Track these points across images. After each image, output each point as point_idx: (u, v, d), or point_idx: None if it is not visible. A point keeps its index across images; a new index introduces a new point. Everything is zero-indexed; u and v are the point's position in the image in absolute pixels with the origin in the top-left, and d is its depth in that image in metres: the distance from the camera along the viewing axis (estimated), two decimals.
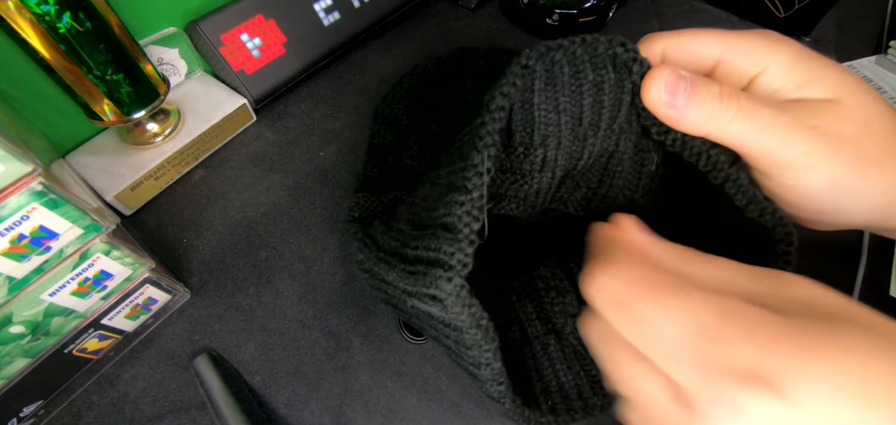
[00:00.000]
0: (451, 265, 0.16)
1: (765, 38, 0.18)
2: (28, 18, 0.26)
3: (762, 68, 0.18)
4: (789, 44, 0.18)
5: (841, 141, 0.17)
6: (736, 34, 0.19)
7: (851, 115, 0.17)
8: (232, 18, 0.39)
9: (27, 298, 0.22)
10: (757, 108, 0.17)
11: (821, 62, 0.18)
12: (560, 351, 0.23)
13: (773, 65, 0.18)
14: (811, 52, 0.18)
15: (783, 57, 0.18)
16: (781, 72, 0.18)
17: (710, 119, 0.17)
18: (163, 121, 0.36)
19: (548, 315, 0.25)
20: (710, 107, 0.17)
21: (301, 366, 0.28)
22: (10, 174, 0.18)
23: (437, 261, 0.17)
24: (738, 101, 0.17)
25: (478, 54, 0.40)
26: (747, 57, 0.18)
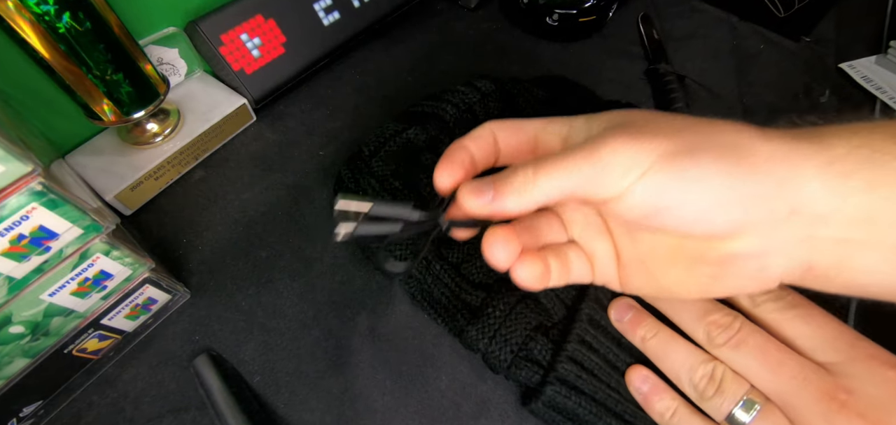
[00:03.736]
0: None
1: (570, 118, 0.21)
2: (28, 18, 0.26)
3: (568, 126, 0.21)
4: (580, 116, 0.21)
5: (639, 130, 0.17)
6: (548, 118, 0.22)
7: (642, 120, 0.18)
8: (232, 18, 0.39)
9: (27, 298, 0.22)
10: (549, 158, 0.18)
11: (617, 111, 0.20)
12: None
13: (574, 122, 0.20)
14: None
15: (579, 118, 0.20)
16: (582, 123, 0.20)
17: (521, 189, 0.18)
18: (163, 122, 0.36)
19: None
20: (512, 183, 0.18)
21: (301, 366, 0.28)
22: (9, 174, 0.18)
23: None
24: (530, 164, 0.18)
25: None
26: (555, 124, 0.21)
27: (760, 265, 0.17)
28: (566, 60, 0.46)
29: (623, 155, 0.16)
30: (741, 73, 0.44)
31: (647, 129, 0.17)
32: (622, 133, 0.17)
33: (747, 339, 0.21)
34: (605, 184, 0.17)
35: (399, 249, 0.29)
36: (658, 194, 0.16)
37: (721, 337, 0.21)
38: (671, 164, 0.16)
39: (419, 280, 0.29)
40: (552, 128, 0.21)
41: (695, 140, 0.16)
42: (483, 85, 0.35)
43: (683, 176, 0.16)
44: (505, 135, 0.22)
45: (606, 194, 0.17)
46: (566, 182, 0.17)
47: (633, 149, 0.16)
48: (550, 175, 0.17)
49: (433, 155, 0.32)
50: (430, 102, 0.35)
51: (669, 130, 0.17)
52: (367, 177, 0.32)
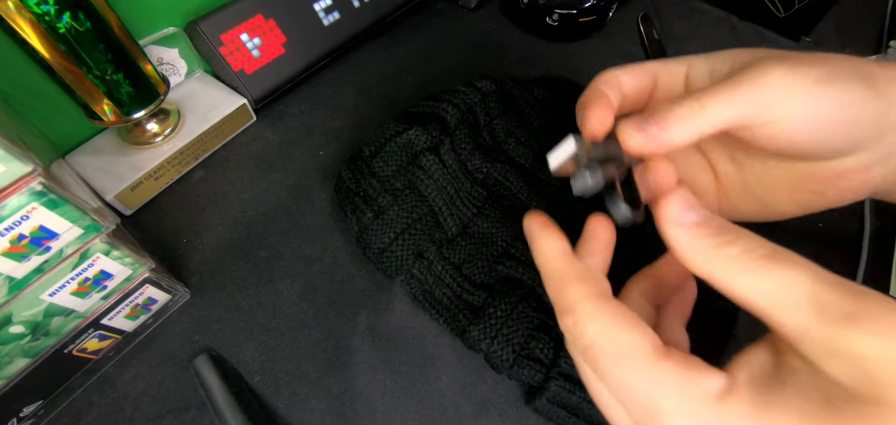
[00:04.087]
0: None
1: (682, 56, 0.22)
2: (28, 18, 0.26)
3: (688, 64, 0.21)
4: (699, 55, 0.21)
5: (790, 60, 0.17)
6: (663, 59, 0.23)
7: (775, 54, 0.18)
8: (232, 18, 0.39)
9: (27, 298, 0.22)
10: (715, 89, 0.18)
11: (728, 51, 0.20)
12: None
13: (693, 61, 0.21)
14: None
15: (697, 57, 0.21)
16: (700, 61, 0.21)
17: (687, 120, 0.18)
18: (163, 122, 0.36)
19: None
20: (678, 113, 0.18)
21: (301, 366, 0.28)
22: (9, 174, 0.18)
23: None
24: (693, 94, 0.18)
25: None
26: (674, 63, 0.22)
27: (864, 177, 0.19)
28: (566, 60, 0.46)
29: (785, 81, 0.17)
30: None
31: (792, 59, 0.18)
32: (777, 62, 0.17)
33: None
34: (770, 107, 0.17)
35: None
36: (815, 116, 0.17)
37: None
38: (823, 85, 0.17)
39: (421, 280, 0.29)
40: (672, 67, 0.22)
41: (835, 68, 0.17)
42: (483, 85, 0.35)
43: (833, 96, 0.17)
44: (627, 77, 0.22)
45: (771, 117, 0.18)
46: (734, 108, 0.17)
47: (792, 76, 0.17)
48: (718, 102, 0.18)
49: (434, 156, 0.32)
50: (430, 103, 0.35)
51: (811, 60, 0.18)
52: (368, 178, 0.32)
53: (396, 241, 0.29)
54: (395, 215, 0.30)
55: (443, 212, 0.30)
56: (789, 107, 0.17)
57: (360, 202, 0.31)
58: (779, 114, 0.17)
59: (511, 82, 0.37)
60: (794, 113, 0.17)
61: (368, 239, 0.30)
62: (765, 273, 0.14)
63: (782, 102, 0.17)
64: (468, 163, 0.32)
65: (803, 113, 0.17)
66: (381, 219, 0.30)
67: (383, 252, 0.29)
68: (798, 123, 0.17)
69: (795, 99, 0.17)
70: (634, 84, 0.22)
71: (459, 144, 0.33)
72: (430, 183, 0.31)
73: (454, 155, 0.32)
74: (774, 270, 0.14)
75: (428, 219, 0.30)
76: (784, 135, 0.18)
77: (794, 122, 0.17)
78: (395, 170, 0.32)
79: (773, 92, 0.17)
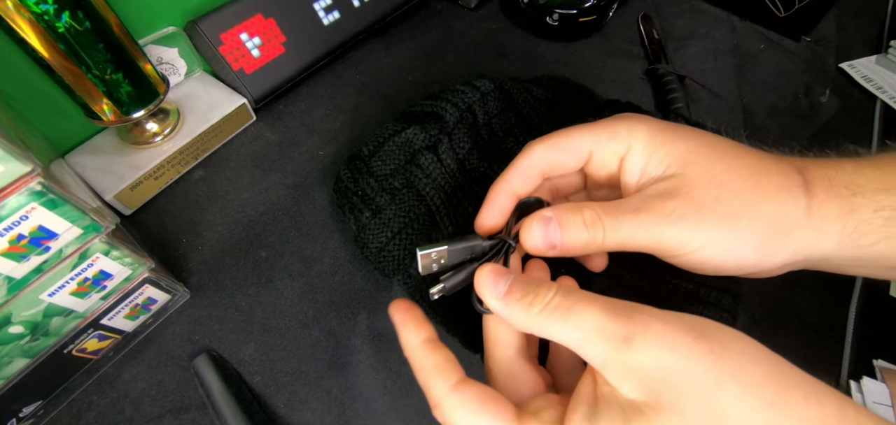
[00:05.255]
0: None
1: (625, 120, 0.21)
2: (27, 18, 0.26)
3: (627, 147, 0.21)
4: (645, 121, 0.21)
5: (701, 208, 0.19)
6: (600, 124, 0.22)
7: (704, 181, 0.19)
8: (231, 18, 0.39)
9: (26, 298, 0.22)
10: (619, 219, 0.19)
11: (672, 134, 0.20)
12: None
13: (634, 143, 0.21)
14: (665, 124, 0.21)
15: (640, 135, 0.21)
16: (641, 148, 0.21)
17: (590, 243, 0.20)
18: (162, 121, 0.36)
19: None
20: (581, 237, 0.19)
21: (301, 366, 0.28)
22: (9, 174, 0.18)
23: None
24: (601, 221, 0.19)
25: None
26: (613, 141, 0.21)
27: (779, 270, 0.21)
28: (566, 60, 0.46)
29: (685, 234, 0.19)
30: (741, 73, 0.44)
31: (706, 206, 0.19)
32: (683, 212, 0.19)
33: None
34: (665, 250, 0.19)
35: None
36: (706, 261, 0.19)
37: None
38: (722, 245, 0.19)
39: (418, 279, 0.29)
40: (610, 148, 0.22)
41: (745, 227, 0.19)
42: (483, 84, 0.35)
43: (730, 253, 0.19)
44: (557, 157, 0.22)
45: (664, 255, 0.20)
46: (632, 243, 0.19)
47: (692, 230, 0.19)
48: (620, 234, 0.19)
49: (432, 154, 0.32)
50: (429, 102, 0.35)
51: (726, 210, 0.19)
52: (366, 177, 0.32)
53: (393, 241, 0.29)
54: (393, 214, 0.30)
55: (440, 210, 0.30)
56: (685, 254, 0.19)
57: (358, 201, 0.31)
58: (674, 256, 0.19)
59: (510, 82, 0.37)
60: (688, 258, 0.19)
61: (366, 238, 0.30)
62: (562, 319, 0.16)
63: (680, 249, 0.19)
64: (466, 161, 0.32)
65: (698, 258, 0.19)
66: (379, 219, 0.30)
67: (381, 251, 0.29)
68: (692, 264, 0.19)
69: (693, 250, 0.19)
70: (562, 160, 0.22)
71: (458, 143, 0.33)
72: (428, 181, 0.31)
73: (452, 153, 0.32)
74: (568, 316, 0.16)
75: (425, 219, 0.30)
76: (682, 266, 0.20)
77: (688, 263, 0.19)
78: (393, 169, 0.32)
79: (672, 240, 0.19)
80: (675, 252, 0.19)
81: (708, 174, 0.19)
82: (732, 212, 0.19)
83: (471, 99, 0.34)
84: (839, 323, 0.29)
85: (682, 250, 0.19)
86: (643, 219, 0.19)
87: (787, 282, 0.30)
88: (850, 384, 0.26)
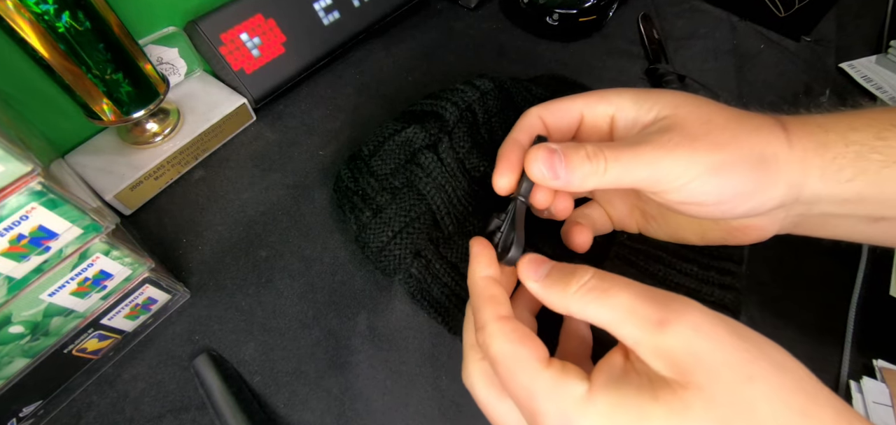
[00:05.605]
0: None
1: (610, 89, 0.23)
2: (27, 18, 0.26)
3: (614, 107, 0.23)
4: (628, 89, 0.23)
5: (694, 139, 0.20)
6: (589, 93, 0.24)
7: (692, 118, 0.20)
8: (231, 18, 0.39)
9: (26, 298, 0.22)
10: (619, 152, 0.20)
11: (657, 91, 0.22)
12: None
13: (621, 102, 0.22)
14: (647, 89, 0.23)
15: (626, 95, 0.22)
16: (629, 104, 0.22)
17: (590, 176, 0.20)
18: (162, 121, 0.36)
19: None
20: (584, 168, 0.20)
21: (301, 366, 0.28)
22: (9, 174, 0.18)
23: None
24: (603, 153, 0.20)
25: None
26: (601, 103, 0.23)
27: (763, 230, 0.23)
28: (566, 60, 0.46)
29: (681, 163, 0.19)
30: (741, 72, 0.44)
31: (699, 137, 0.20)
32: (679, 142, 0.19)
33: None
34: (663, 182, 0.20)
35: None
36: (703, 193, 0.20)
37: None
38: (717, 173, 0.19)
39: (419, 278, 0.29)
40: (599, 109, 0.23)
41: (730, 155, 0.19)
42: (482, 84, 0.35)
43: (725, 182, 0.19)
44: (552, 118, 0.24)
45: (662, 188, 0.20)
46: (632, 175, 0.20)
47: (688, 159, 0.19)
48: (620, 168, 0.20)
49: (432, 153, 0.32)
50: (429, 101, 0.35)
51: (716, 140, 0.20)
52: (366, 177, 0.32)
53: (394, 240, 0.29)
54: (393, 214, 0.30)
55: (440, 210, 0.30)
56: (680, 183, 0.20)
57: (358, 201, 0.31)
58: (671, 187, 0.20)
59: (510, 81, 0.37)
60: (687, 190, 0.20)
61: (367, 238, 0.30)
62: (598, 301, 0.17)
63: (675, 179, 0.20)
64: (466, 160, 0.32)
65: (696, 190, 0.20)
66: (379, 218, 0.30)
67: (381, 251, 0.29)
68: (691, 197, 0.20)
69: (686, 177, 0.19)
70: (557, 122, 0.24)
71: (458, 142, 0.33)
72: (429, 181, 0.31)
73: (452, 152, 0.32)
74: (603, 298, 0.17)
75: (426, 218, 0.30)
76: (680, 203, 0.21)
77: (688, 195, 0.20)
78: (393, 169, 0.32)
79: (669, 170, 0.19)
80: (672, 183, 0.20)
81: (695, 113, 0.20)
82: (722, 141, 0.20)
83: (471, 98, 0.34)
84: (839, 323, 0.29)
85: (679, 181, 0.19)
86: (641, 150, 0.20)
87: (788, 283, 0.30)
88: (850, 384, 0.26)
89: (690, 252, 0.27)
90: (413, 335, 0.29)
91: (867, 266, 0.30)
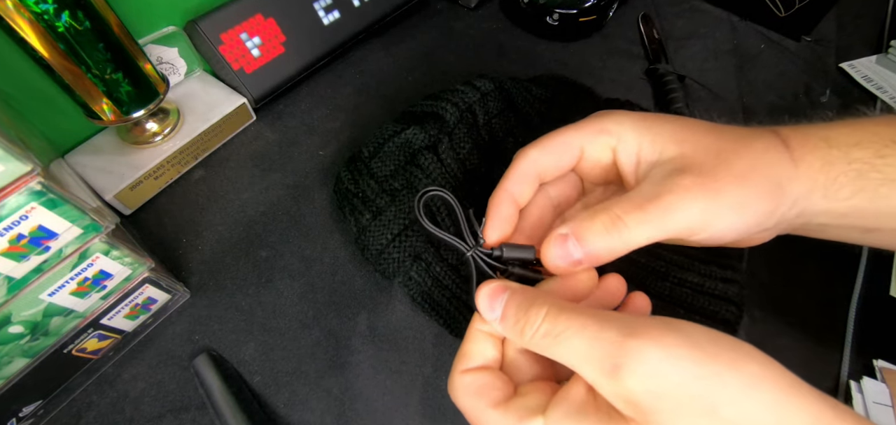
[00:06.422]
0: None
1: (609, 114, 0.22)
2: (27, 17, 0.26)
3: (617, 137, 0.22)
4: (625, 112, 0.22)
5: (712, 177, 0.19)
6: (586, 121, 0.22)
7: (701, 152, 0.20)
8: (231, 17, 0.39)
9: (26, 298, 0.22)
10: (643, 213, 0.19)
11: (653, 120, 0.22)
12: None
13: (621, 133, 0.22)
14: (643, 113, 0.22)
15: (627, 124, 0.22)
16: (630, 136, 0.21)
17: (617, 246, 0.19)
18: (162, 121, 0.36)
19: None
20: (604, 241, 0.19)
21: (301, 366, 0.28)
22: (9, 174, 0.18)
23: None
24: (622, 220, 0.19)
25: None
26: (601, 135, 0.22)
27: (763, 239, 0.22)
28: (566, 60, 0.46)
29: (706, 208, 0.19)
30: (741, 72, 0.44)
31: (716, 174, 0.19)
32: (699, 184, 0.19)
33: None
34: (690, 230, 0.19)
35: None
36: (730, 228, 0.20)
37: None
38: (741, 211, 0.19)
39: (419, 282, 0.29)
40: (600, 141, 0.22)
41: (756, 186, 0.19)
42: (482, 84, 0.35)
43: (749, 217, 0.19)
44: (548, 159, 0.23)
45: (692, 235, 0.20)
46: (657, 231, 0.19)
47: (712, 201, 0.19)
48: (642, 229, 0.19)
49: (432, 154, 0.31)
50: (429, 102, 0.35)
51: (734, 172, 0.19)
52: (366, 179, 0.32)
53: (394, 243, 0.29)
54: (393, 216, 0.30)
55: (440, 211, 0.30)
56: (707, 226, 0.19)
57: (358, 203, 0.31)
58: (696, 233, 0.19)
59: (510, 81, 0.37)
60: (711, 229, 0.19)
61: (366, 240, 0.30)
62: (554, 345, 0.17)
63: (702, 223, 0.19)
64: (467, 161, 0.32)
65: (721, 228, 0.19)
66: (379, 221, 0.30)
67: (381, 253, 0.29)
68: (715, 235, 0.20)
69: (714, 220, 0.19)
70: (555, 162, 0.23)
71: (458, 143, 0.33)
72: (429, 182, 0.31)
73: (453, 153, 0.32)
74: (557, 342, 0.17)
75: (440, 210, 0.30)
76: (703, 241, 0.20)
77: (711, 235, 0.20)
78: (393, 170, 0.32)
79: (695, 218, 0.19)
80: (701, 228, 0.19)
81: (703, 147, 0.20)
82: (741, 172, 0.19)
83: (471, 99, 0.34)
84: (839, 323, 0.29)
85: (708, 224, 0.19)
86: (667, 203, 0.19)
87: (788, 283, 0.30)
88: (850, 384, 0.26)
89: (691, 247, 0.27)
90: (413, 335, 0.29)
91: (867, 266, 0.30)
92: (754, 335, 0.28)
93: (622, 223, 0.19)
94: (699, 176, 0.19)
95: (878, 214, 0.20)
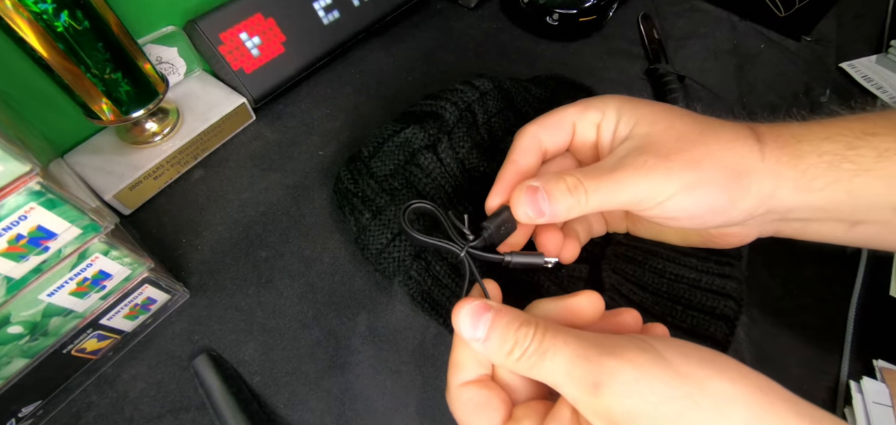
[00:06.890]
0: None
1: (600, 97, 0.25)
2: (26, 17, 0.25)
3: (601, 114, 0.24)
4: (616, 95, 0.24)
5: (668, 158, 0.21)
6: (578, 101, 0.25)
7: (666, 135, 0.21)
8: (231, 17, 0.39)
9: (25, 298, 0.21)
10: (598, 181, 0.21)
11: (637, 102, 0.23)
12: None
13: (607, 109, 0.24)
14: (632, 98, 0.24)
15: (612, 102, 0.24)
16: (613, 113, 0.24)
17: (574, 206, 0.21)
18: (162, 121, 0.36)
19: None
20: (567, 200, 0.21)
21: (301, 366, 0.28)
22: (8, 174, 0.18)
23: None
24: (583, 184, 0.21)
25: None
26: (590, 110, 0.24)
27: (742, 236, 0.24)
28: (566, 60, 0.46)
29: (657, 184, 0.20)
30: (741, 72, 0.44)
31: (672, 156, 0.21)
32: (654, 163, 0.21)
33: None
34: (643, 203, 0.21)
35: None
36: (678, 209, 0.21)
37: None
38: (691, 192, 0.20)
39: (419, 281, 0.29)
40: (588, 116, 0.24)
41: (709, 171, 0.20)
42: (482, 84, 0.35)
43: (699, 199, 0.21)
44: (547, 134, 0.25)
45: (641, 208, 0.21)
46: (612, 200, 0.21)
47: (664, 179, 0.20)
48: (601, 194, 0.21)
49: (432, 154, 0.31)
50: (429, 102, 0.35)
51: (690, 157, 0.21)
52: (366, 179, 0.32)
53: (394, 242, 0.29)
54: (393, 216, 0.30)
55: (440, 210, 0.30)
56: (660, 204, 0.21)
57: (358, 203, 0.31)
58: (648, 205, 0.21)
59: (509, 81, 0.37)
60: (663, 208, 0.21)
61: (366, 240, 0.30)
62: (538, 365, 0.17)
63: (653, 200, 0.21)
64: (466, 161, 0.32)
65: (672, 207, 0.21)
66: (379, 220, 0.30)
67: (381, 253, 0.29)
68: (667, 213, 0.21)
69: (666, 199, 0.21)
70: (553, 137, 0.25)
71: (457, 142, 0.33)
72: (428, 181, 0.31)
73: (452, 153, 0.32)
74: (541, 362, 0.17)
75: (426, 219, 0.30)
76: (657, 217, 0.22)
77: (664, 212, 0.21)
78: (393, 170, 0.32)
79: (646, 192, 0.21)
80: (651, 203, 0.21)
81: (670, 129, 0.21)
82: (695, 157, 0.20)
83: (470, 98, 0.34)
84: (839, 323, 0.29)
85: (657, 200, 0.21)
86: (619, 176, 0.21)
87: (788, 283, 0.30)
88: (850, 384, 0.26)
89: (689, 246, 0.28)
90: (413, 335, 0.29)
91: (867, 266, 0.30)
92: (754, 335, 0.28)
93: (582, 188, 0.21)
94: (655, 156, 0.21)
95: (857, 206, 0.20)
